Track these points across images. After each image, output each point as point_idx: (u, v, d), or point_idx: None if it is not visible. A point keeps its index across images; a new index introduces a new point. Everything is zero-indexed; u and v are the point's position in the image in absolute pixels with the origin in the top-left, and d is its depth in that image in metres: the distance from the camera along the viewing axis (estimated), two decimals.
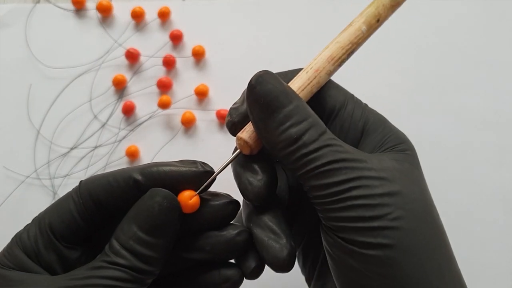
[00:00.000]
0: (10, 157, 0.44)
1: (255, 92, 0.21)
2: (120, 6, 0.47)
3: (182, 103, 0.45)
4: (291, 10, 0.46)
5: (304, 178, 0.20)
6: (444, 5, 0.46)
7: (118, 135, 0.44)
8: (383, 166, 0.20)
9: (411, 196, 0.20)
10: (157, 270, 0.21)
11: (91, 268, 0.20)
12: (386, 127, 0.24)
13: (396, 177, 0.20)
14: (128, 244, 0.20)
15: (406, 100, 0.44)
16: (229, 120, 0.23)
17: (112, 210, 0.22)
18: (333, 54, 0.24)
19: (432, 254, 0.20)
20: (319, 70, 0.24)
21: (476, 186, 0.42)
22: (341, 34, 0.25)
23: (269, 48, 0.46)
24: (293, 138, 0.20)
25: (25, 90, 0.45)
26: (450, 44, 0.45)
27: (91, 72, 0.45)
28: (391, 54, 0.45)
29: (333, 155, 0.20)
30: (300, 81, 0.23)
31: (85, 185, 0.22)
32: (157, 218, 0.21)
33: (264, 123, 0.21)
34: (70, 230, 0.22)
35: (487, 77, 0.44)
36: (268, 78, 0.21)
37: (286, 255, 0.22)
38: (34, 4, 0.47)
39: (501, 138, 0.43)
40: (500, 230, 0.41)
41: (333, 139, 0.20)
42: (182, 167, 0.22)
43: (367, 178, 0.20)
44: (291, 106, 0.20)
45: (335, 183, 0.19)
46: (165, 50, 0.46)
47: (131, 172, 0.22)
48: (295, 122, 0.20)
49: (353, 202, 0.19)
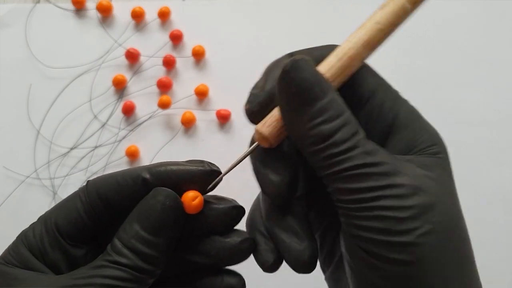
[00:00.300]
0: (10, 157, 0.44)
1: (289, 79, 0.19)
2: (120, 6, 0.47)
3: (182, 103, 0.45)
4: (291, 10, 0.46)
5: (330, 179, 0.19)
6: (444, 5, 0.46)
7: (118, 135, 0.44)
8: (416, 173, 0.19)
9: (442, 209, 0.19)
10: (158, 269, 0.21)
11: (93, 268, 0.20)
12: (418, 123, 0.22)
13: (428, 187, 0.19)
14: (130, 243, 0.20)
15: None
16: (248, 108, 0.21)
17: (120, 210, 0.22)
18: (372, 38, 0.21)
19: (456, 271, 0.19)
20: (354, 58, 0.21)
21: (476, 186, 0.42)
22: (380, 12, 0.21)
23: (269, 48, 0.46)
24: (324, 135, 0.18)
25: (25, 90, 0.45)
26: (449, 43, 0.45)
27: (91, 72, 0.45)
28: (391, 53, 0.45)
29: (364, 158, 0.18)
30: (332, 69, 0.20)
31: (93, 184, 0.22)
32: (159, 217, 0.21)
33: (295, 114, 0.19)
34: (76, 229, 0.22)
35: (487, 76, 0.44)
36: (304, 65, 0.19)
37: (308, 257, 0.21)
38: (34, 4, 0.47)
39: (501, 138, 0.43)
40: (500, 230, 0.41)
41: (365, 140, 0.19)
42: (189, 166, 0.22)
43: (398, 186, 0.18)
44: (326, 100, 0.19)
45: (364, 189, 0.18)
46: (165, 50, 0.46)
47: (139, 171, 0.22)
48: (328, 118, 0.19)
49: (381, 212, 0.18)
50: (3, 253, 0.21)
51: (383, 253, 0.18)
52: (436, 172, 0.20)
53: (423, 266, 0.18)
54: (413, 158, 0.20)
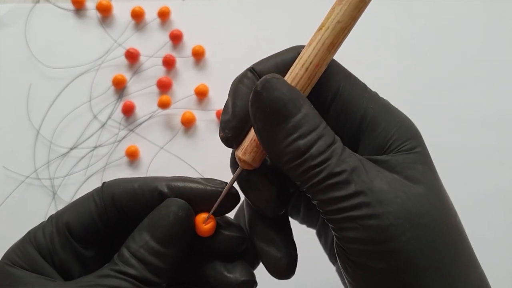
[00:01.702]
0: (10, 157, 0.44)
1: (261, 100, 0.19)
2: (120, 6, 0.47)
3: (182, 103, 0.45)
4: (291, 10, 0.46)
5: (311, 192, 0.19)
6: (444, 5, 0.46)
7: (118, 135, 0.44)
8: (393, 177, 0.19)
9: (426, 209, 0.18)
10: (164, 283, 0.21)
11: (98, 276, 0.20)
12: (389, 117, 0.21)
13: (409, 189, 0.19)
14: (138, 253, 0.20)
15: (405, 100, 0.44)
16: (223, 136, 0.21)
17: (133, 218, 0.22)
18: (335, 40, 0.20)
19: (450, 269, 0.18)
20: (320, 64, 0.20)
21: (476, 186, 0.42)
22: (340, 9, 0.20)
23: (269, 48, 0.45)
24: (301, 150, 0.18)
25: (25, 90, 0.45)
26: (450, 43, 0.45)
27: (91, 72, 0.45)
28: (390, 53, 0.45)
29: (340, 166, 0.18)
30: (301, 81, 0.20)
31: (108, 188, 0.22)
32: (171, 228, 0.20)
33: (270, 134, 0.19)
34: (88, 231, 0.21)
35: (487, 77, 0.44)
36: (275, 84, 0.19)
37: (285, 265, 0.21)
38: (34, 4, 0.47)
39: (501, 138, 0.43)
40: (500, 230, 0.41)
41: (341, 148, 0.19)
42: (208, 185, 0.22)
43: (377, 191, 0.18)
44: (300, 115, 0.19)
45: (343, 197, 0.18)
46: (165, 50, 0.46)
47: (157, 183, 0.22)
48: (303, 133, 0.18)
49: (364, 222, 0.18)
50: (8, 252, 0.21)
51: (372, 264, 0.18)
52: (416, 170, 0.19)
53: (414, 271, 0.18)
54: (389, 158, 0.20)
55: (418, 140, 0.21)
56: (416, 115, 0.43)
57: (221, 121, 0.21)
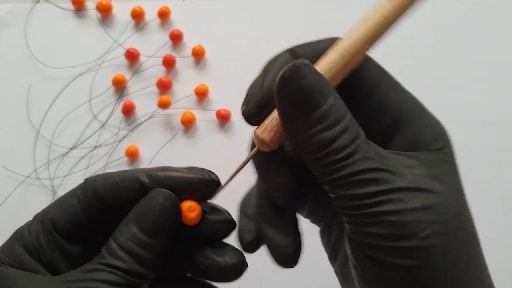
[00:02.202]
0: (10, 157, 0.44)
1: (288, 88, 0.18)
2: (120, 6, 0.47)
3: (182, 103, 0.45)
4: (291, 10, 0.46)
5: (331, 186, 0.19)
6: (444, 5, 0.46)
7: (118, 135, 0.44)
8: (419, 173, 0.19)
9: (446, 209, 0.19)
10: (152, 274, 0.21)
11: (86, 271, 0.20)
12: (422, 116, 0.21)
13: (432, 187, 0.19)
14: (126, 245, 0.20)
15: None
16: (245, 110, 0.20)
17: (116, 211, 0.22)
18: (377, 33, 0.20)
19: (464, 272, 0.19)
20: (357, 54, 0.20)
21: (476, 186, 0.42)
22: (388, 5, 0.20)
23: (269, 48, 0.45)
24: (325, 143, 0.18)
25: (25, 90, 0.45)
26: (450, 43, 0.45)
27: (91, 72, 0.45)
28: (390, 54, 0.45)
29: (365, 163, 0.18)
30: (334, 68, 0.19)
31: (91, 183, 0.22)
32: (157, 219, 0.20)
33: (294, 123, 0.19)
34: (73, 226, 0.21)
35: (487, 77, 0.44)
36: (304, 72, 0.18)
37: (290, 253, 0.21)
38: (33, 4, 0.47)
39: (501, 138, 0.43)
40: (500, 230, 0.41)
41: (366, 144, 0.19)
42: (189, 173, 0.22)
43: (401, 190, 0.18)
44: (326, 106, 0.18)
45: (365, 194, 0.18)
46: (165, 50, 0.46)
47: (138, 174, 0.22)
48: (328, 125, 0.18)
49: (385, 217, 0.18)
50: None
51: (389, 259, 0.18)
52: (440, 169, 0.19)
53: (430, 270, 0.18)
54: (416, 155, 0.20)
55: (447, 140, 0.21)
56: None
57: (247, 93, 0.21)
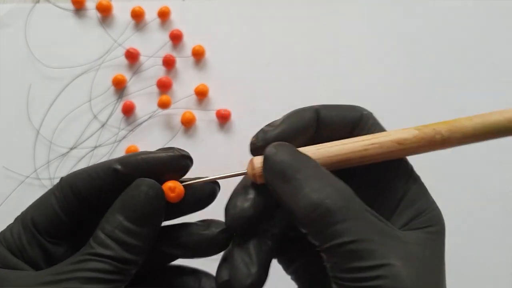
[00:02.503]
0: (9, 157, 0.44)
1: (271, 162, 0.20)
2: (120, 6, 0.47)
3: (182, 103, 0.45)
4: (291, 10, 0.46)
5: (328, 254, 0.19)
6: (443, 5, 0.46)
7: (118, 135, 0.44)
8: (409, 252, 0.19)
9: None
10: (141, 260, 0.21)
11: (74, 262, 0.20)
12: (424, 201, 0.22)
13: (420, 268, 0.19)
14: (113, 233, 0.20)
15: (405, 100, 0.44)
16: (253, 142, 0.22)
17: (94, 203, 0.22)
18: (387, 154, 0.21)
19: None
20: (351, 164, 0.21)
21: (476, 186, 0.42)
22: (413, 137, 0.21)
23: (269, 48, 0.46)
24: (314, 202, 0.19)
25: (25, 90, 0.45)
26: (449, 43, 0.45)
27: (91, 72, 0.45)
28: (390, 54, 0.45)
29: (362, 232, 0.18)
30: (325, 159, 0.21)
31: (66, 180, 0.22)
32: (142, 207, 0.21)
33: (282, 190, 0.20)
34: (53, 224, 0.22)
35: (487, 76, 0.44)
36: (282, 149, 0.21)
37: (249, 284, 0.21)
38: (33, 4, 0.47)
39: (500, 138, 0.43)
40: (500, 230, 0.41)
41: (364, 209, 0.19)
42: (159, 153, 0.22)
43: (395, 266, 0.18)
44: (309, 171, 0.20)
45: (363, 268, 0.18)
46: (165, 50, 0.46)
47: (109, 163, 0.22)
48: (315, 187, 0.19)
49: None
50: None
51: None
52: (428, 252, 0.20)
53: None
54: (409, 234, 0.20)
55: (441, 227, 0.22)
56: (416, 115, 0.43)
57: (261, 129, 0.22)
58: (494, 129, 0.21)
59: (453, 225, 0.41)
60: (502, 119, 0.21)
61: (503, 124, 0.21)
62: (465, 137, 0.22)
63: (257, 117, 0.44)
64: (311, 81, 0.45)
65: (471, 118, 0.22)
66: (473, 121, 0.21)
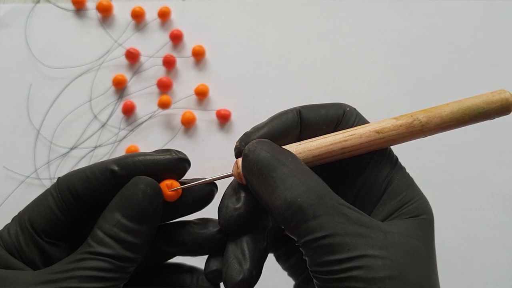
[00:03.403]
0: (10, 157, 0.44)
1: (248, 161, 0.21)
2: (120, 6, 0.47)
3: (182, 103, 0.45)
4: (291, 10, 0.46)
5: (304, 248, 0.19)
6: (443, 5, 0.46)
7: (118, 135, 0.44)
8: (389, 242, 0.19)
9: (412, 280, 0.19)
10: (139, 257, 0.21)
11: (73, 261, 0.20)
12: (409, 192, 0.22)
13: (400, 257, 0.19)
14: (112, 231, 0.20)
15: (405, 100, 0.44)
16: (238, 146, 0.23)
17: (91, 203, 0.22)
18: (349, 145, 0.21)
19: None
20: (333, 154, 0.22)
21: (477, 187, 0.42)
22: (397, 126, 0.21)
23: (269, 47, 0.46)
24: (287, 201, 0.19)
25: (25, 90, 0.45)
26: (450, 43, 0.45)
27: (91, 72, 0.45)
28: (390, 55, 0.45)
29: (334, 227, 0.18)
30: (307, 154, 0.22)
31: (63, 180, 0.22)
32: (141, 205, 0.21)
33: (259, 188, 0.21)
34: (50, 224, 0.22)
35: (487, 76, 0.44)
36: (261, 146, 0.21)
37: (240, 280, 0.21)
38: (34, 4, 0.47)
39: (501, 138, 0.43)
40: (500, 230, 0.41)
41: (338, 204, 0.19)
42: (156, 155, 0.22)
43: (370, 257, 0.18)
44: (285, 170, 0.20)
45: (336, 261, 0.18)
46: (165, 50, 0.46)
47: (107, 163, 0.22)
48: (289, 186, 0.19)
49: (352, 283, 0.18)
50: None
51: None
52: (412, 241, 0.20)
53: None
54: (391, 224, 0.20)
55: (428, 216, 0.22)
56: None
57: (246, 133, 0.23)
58: (472, 112, 0.21)
59: (453, 225, 0.41)
60: (479, 101, 0.21)
61: (480, 105, 0.21)
62: (444, 122, 0.21)
63: (257, 117, 0.44)
64: (310, 81, 0.45)
65: (448, 103, 0.22)
66: (451, 106, 0.21)
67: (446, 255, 0.40)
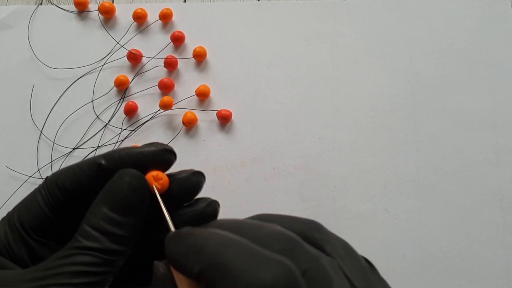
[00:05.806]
0: (13, 157, 0.44)
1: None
2: (122, 8, 0.47)
3: (183, 103, 0.45)
4: (291, 12, 0.47)
5: None
6: (443, 5, 0.46)
7: (120, 135, 0.45)
8: None
9: None
10: (128, 250, 0.21)
11: (61, 257, 0.20)
12: None
13: None
14: (99, 225, 0.20)
15: (404, 100, 0.44)
16: None
17: (80, 198, 0.22)
18: None
19: None
20: None
21: (475, 186, 0.42)
22: None
23: (270, 49, 0.46)
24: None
25: (28, 90, 0.46)
26: (448, 45, 0.45)
27: (94, 73, 0.46)
28: (390, 55, 0.46)
29: None
30: None
31: (51, 178, 0.22)
32: (127, 197, 0.21)
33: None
34: (39, 222, 0.22)
35: (485, 77, 0.44)
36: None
37: None
38: (36, 6, 0.47)
39: (499, 138, 0.43)
40: (499, 230, 0.41)
41: None
42: (142, 147, 0.23)
43: None
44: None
45: None
46: (166, 52, 0.46)
47: (94, 158, 0.22)
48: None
49: None
50: None
51: None
52: None
53: None
54: None
55: None
56: (415, 116, 0.44)
57: None
58: None
59: (453, 225, 0.41)
60: None
61: None
62: None
63: (258, 118, 0.44)
64: (311, 82, 0.45)
65: None
66: None
67: (444, 254, 0.40)
